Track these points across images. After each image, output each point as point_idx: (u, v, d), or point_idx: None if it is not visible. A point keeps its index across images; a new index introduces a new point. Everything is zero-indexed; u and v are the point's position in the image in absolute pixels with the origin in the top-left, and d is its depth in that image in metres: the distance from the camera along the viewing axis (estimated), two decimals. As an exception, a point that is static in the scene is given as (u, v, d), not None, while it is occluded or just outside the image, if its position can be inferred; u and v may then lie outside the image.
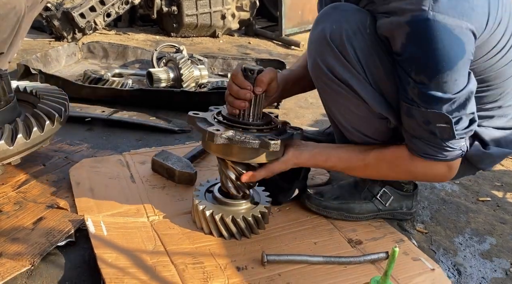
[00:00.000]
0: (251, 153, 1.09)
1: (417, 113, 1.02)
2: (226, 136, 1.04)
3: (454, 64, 0.95)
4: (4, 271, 0.96)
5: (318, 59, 1.10)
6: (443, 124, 1.01)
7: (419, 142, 1.07)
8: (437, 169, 1.11)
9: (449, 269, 1.17)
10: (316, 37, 1.10)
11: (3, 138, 1.13)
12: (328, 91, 1.14)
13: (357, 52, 1.05)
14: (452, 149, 1.06)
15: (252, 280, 1.03)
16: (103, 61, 2.81)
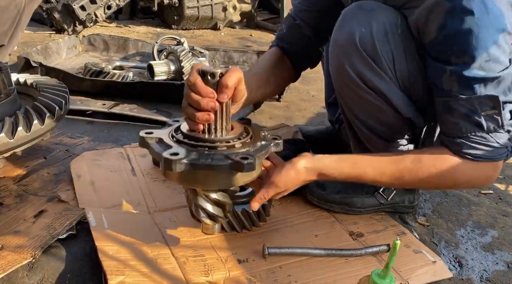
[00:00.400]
0: (223, 177, 0.91)
1: (458, 104, 0.96)
2: (188, 161, 0.83)
3: (496, 38, 0.91)
4: (6, 263, 0.96)
5: (345, 63, 1.04)
6: (490, 110, 0.95)
7: (464, 142, 0.99)
8: (482, 171, 1.03)
9: (451, 261, 1.17)
10: (343, 40, 1.04)
11: (4, 131, 1.13)
12: (353, 96, 1.09)
13: (389, 55, 1.01)
14: (500, 146, 0.99)
15: (253, 272, 1.03)
16: (103, 54, 2.80)
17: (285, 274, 1.04)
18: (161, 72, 2.25)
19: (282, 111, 2.17)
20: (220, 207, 0.99)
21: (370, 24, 1.00)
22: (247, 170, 0.85)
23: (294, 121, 2.02)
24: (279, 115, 2.12)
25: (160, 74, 2.25)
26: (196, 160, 0.85)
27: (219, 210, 0.99)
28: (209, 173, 0.88)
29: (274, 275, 1.03)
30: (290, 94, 2.33)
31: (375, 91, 1.05)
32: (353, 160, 1.07)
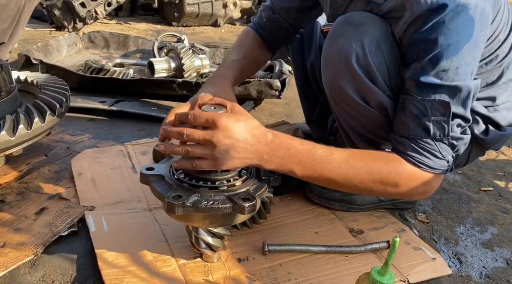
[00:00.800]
0: (223, 217, 0.92)
1: (412, 104, 0.97)
2: (190, 203, 0.85)
3: (459, 50, 0.91)
4: (7, 260, 0.97)
5: (339, 81, 1.03)
6: (439, 116, 0.95)
7: (410, 144, 0.99)
8: (422, 179, 1.00)
9: (450, 258, 1.17)
10: (335, 57, 1.03)
11: (5, 129, 1.13)
12: (349, 111, 1.08)
13: (382, 67, 1.00)
14: (442, 158, 0.99)
15: (253, 270, 1.04)
16: (104, 51, 2.80)
17: (285, 272, 1.04)
18: (162, 69, 2.25)
19: (282, 108, 2.17)
20: (220, 238, 1.01)
21: (361, 40, 0.99)
22: (248, 212, 0.87)
23: (295, 119, 2.02)
24: (280, 112, 2.12)
25: (160, 71, 2.25)
26: (198, 202, 0.86)
27: (219, 241, 1.01)
28: (210, 214, 0.89)
29: (274, 273, 1.04)
30: (291, 91, 2.33)
31: (371, 106, 1.04)
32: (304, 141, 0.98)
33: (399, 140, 1.01)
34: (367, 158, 0.98)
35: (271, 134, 0.91)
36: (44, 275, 0.99)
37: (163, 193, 0.88)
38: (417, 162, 0.99)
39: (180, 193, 0.87)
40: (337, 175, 0.96)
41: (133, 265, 1.01)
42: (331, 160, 0.95)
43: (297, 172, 0.94)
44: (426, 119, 0.96)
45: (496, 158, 1.78)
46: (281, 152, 0.91)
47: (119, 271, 0.99)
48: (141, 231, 1.13)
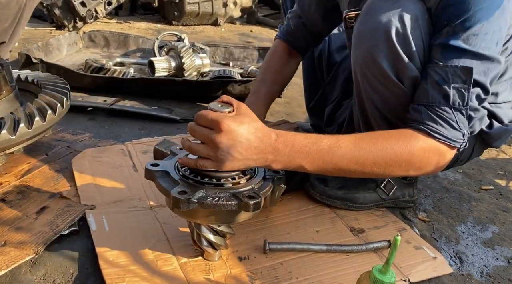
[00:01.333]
0: (227, 214, 0.93)
1: (434, 71, 0.96)
2: (195, 199, 0.86)
3: (490, 16, 0.92)
4: (9, 259, 0.97)
5: (375, 55, 1.02)
6: (460, 83, 0.95)
7: (427, 112, 0.98)
8: (436, 151, 0.99)
9: (451, 257, 1.17)
10: (373, 31, 1.02)
11: (5, 128, 1.13)
12: (378, 88, 1.07)
13: (419, 42, 1.00)
14: (458, 128, 0.98)
15: (254, 269, 1.04)
16: (104, 50, 2.79)
17: (286, 271, 1.04)
18: (162, 68, 2.25)
19: (283, 107, 2.17)
20: (223, 236, 1.01)
21: (400, 14, 0.99)
22: (253, 210, 0.87)
23: (295, 117, 2.02)
24: (280, 111, 2.12)
25: (161, 70, 2.25)
26: (203, 198, 0.87)
27: (221, 239, 1.00)
28: (215, 211, 0.89)
29: (275, 272, 1.04)
30: (291, 90, 2.33)
31: (403, 84, 1.04)
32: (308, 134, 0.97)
33: (416, 108, 1.00)
34: (376, 138, 0.97)
35: (274, 134, 0.90)
36: (45, 274, 0.99)
37: (168, 189, 0.88)
38: (431, 131, 0.97)
39: (186, 189, 0.87)
40: (348, 160, 0.94)
41: (134, 264, 1.01)
42: (338, 146, 0.93)
43: (307, 167, 0.93)
44: (446, 86, 0.95)
45: (496, 157, 1.78)
46: (287, 150, 0.90)
47: (120, 271, 0.99)
48: (142, 230, 1.13)
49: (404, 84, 1.04)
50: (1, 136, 1.12)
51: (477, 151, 1.26)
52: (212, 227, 0.98)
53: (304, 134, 0.94)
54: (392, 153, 0.96)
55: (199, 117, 0.88)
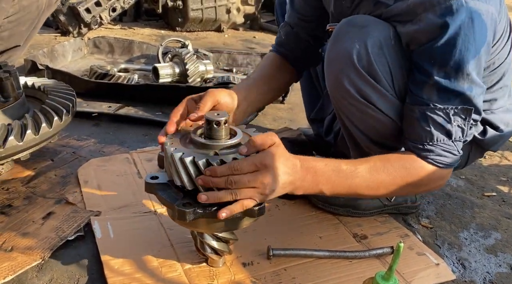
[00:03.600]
0: (231, 222, 0.93)
1: (435, 113, 1.00)
2: (200, 210, 0.86)
3: (478, 52, 0.95)
4: (16, 265, 0.98)
5: (343, 80, 1.05)
6: (460, 121, 1.02)
7: (433, 149, 1.04)
8: (440, 175, 1.09)
9: (454, 263, 1.18)
10: (339, 58, 1.05)
11: (13, 134, 1.15)
12: (353, 110, 1.10)
13: (385, 68, 1.03)
14: (458, 154, 1.06)
15: (258, 275, 1.05)
16: (109, 56, 2.82)
17: (289, 277, 1.05)
18: (166, 74, 2.27)
19: (285, 113, 2.18)
20: (226, 242, 1.02)
21: (364, 40, 1.01)
22: (258, 216, 0.89)
23: (298, 123, 2.03)
24: (283, 117, 2.13)
25: (165, 77, 2.27)
26: (208, 209, 0.87)
27: (224, 245, 1.01)
28: (219, 219, 0.88)
29: (278, 278, 1.05)
30: (294, 96, 2.34)
31: (374, 105, 1.06)
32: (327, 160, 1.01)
33: (423, 148, 1.04)
34: (388, 168, 1.04)
35: (298, 161, 0.94)
36: (51, 279, 1.00)
37: (172, 202, 0.88)
38: (438, 163, 1.05)
39: (189, 200, 0.87)
40: (364, 188, 1.02)
41: (139, 272, 1.02)
42: (356, 175, 1.00)
43: (326, 192, 0.99)
44: (450, 126, 1.02)
45: (499, 163, 1.79)
46: (309, 177, 0.95)
47: (125, 279, 1.00)
48: (146, 236, 1.14)
49: (375, 105, 1.06)
50: (9, 142, 1.13)
51: (474, 155, 1.29)
52: (215, 234, 0.99)
53: (325, 161, 0.99)
54: (403, 181, 1.05)
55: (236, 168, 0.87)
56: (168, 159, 0.89)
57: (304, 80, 1.64)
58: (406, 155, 1.08)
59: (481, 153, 1.31)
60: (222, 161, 0.86)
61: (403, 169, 1.05)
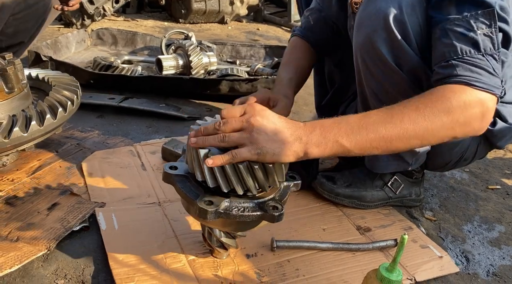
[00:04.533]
0: (248, 224, 0.90)
1: (455, 24, 0.94)
2: (222, 210, 0.84)
3: None
4: (21, 255, 0.99)
5: (375, 40, 1.03)
6: (486, 29, 0.92)
7: (460, 63, 0.93)
8: (477, 102, 0.91)
9: (457, 256, 1.18)
10: (371, 17, 1.03)
11: (18, 125, 1.15)
12: (376, 74, 1.08)
13: (416, 28, 1.01)
14: (495, 74, 0.93)
15: (262, 266, 1.05)
16: (112, 48, 2.81)
17: (293, 268, 1.05)
18: (170, 66, 2.27)
19: (289, 105, 2.18)
20: (234, 238, 1.02)
21: (398, 0, 1.00)
22: (277, 221, 0.85)
23: (301, 116, 2.03)
24: (287, 109, 2.12)
25: (168, 69, 2.26)
26: (229, 209, 0.85)
27: (232, 240, 1.01)
28: (239, 221, 0.87)
29: (282, 269, 1.05)
30: (298, 89, 2.33)
31: (402, 69, 1.05)
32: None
33: (446, 65, 0.95)
34: (404, 102, 0.92)
35: (302, 122, 0.90)
36: (57, 269, 1.01)
37: (192, 197, 0.87)
38: (470, 80, 0.91)
39: (211, 199, 0.85)
40: (385, 126, 0.88)
41: (143, 263, 1.03)
42: (369, 116, 0.90)
43: (344, 142, 0.87)
44: (473, 34, 0.93)
45: (503, 157, 1.78)
46: (318, 130, 0.87)
47: (129, 270, 1.00)
48: (151, 227, 1.15)
49: (402, 70, 1.05)
50: (14, 133, 1.14)
51: (481, 150, 1.27)
52: (226, 231, 0.99)
53: (329, 118, 0.92)
54: (429, 109, 0.89)
55: (226, 111, 0.87)
56: (192, 154, 0.87)
57: (317, 66, 1.64)
58: (435, 89, 0.94)
59: (489, 147, 1.27)
60: (249, 164, 0.85)
61: (426, 96, 0.91)
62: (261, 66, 2.42)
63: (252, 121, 0.84)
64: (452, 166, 1.30)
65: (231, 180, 0.85)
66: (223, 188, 0.86)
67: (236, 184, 0.85)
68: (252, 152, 0.83)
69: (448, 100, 0.90)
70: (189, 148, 0.89)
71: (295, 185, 0.98)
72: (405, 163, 1.26)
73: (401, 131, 0.89)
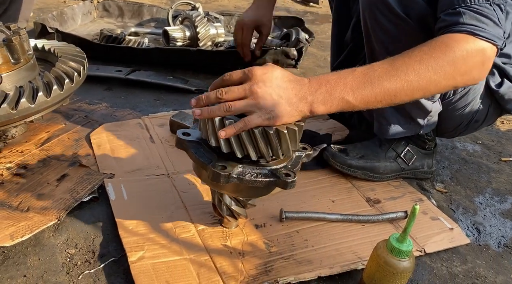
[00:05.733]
0: (259, 190, 0.91)
1: None
2: (235, 175, 0.84)
3: None
4: (32, 224, 1.00)
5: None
6: None
7: (466, 11, 0.91)
8: (478, 50, 0.90)
9: (468, 228, 1.17)
10: None
11: (25, 96, 1.14)
12: (385, 25, 1.06)
13: None
14: (499, 25, 0.92)
15: (271, 236, 1.05)
16: (118, 20, 2.77)
17: (302, 239, 1.05)
18: (177, 38, 2.23)
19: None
20: (243, 206, 1.01)
21: None
22: (289, 188, 0.85)
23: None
24: (296, 81, 2.09)
25: (175, 40, 2.23)
26: (242, 174, 0.85)
27: (242, 209, 1.01)
28: (251, 187, 0.87)
29: (291, 239, 1.05)
30: (307, 60, 2.29)
31: (411, 18, 1.02)
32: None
33: (453, 12, 0.93)
34: (408, 52, 0.90)
35: (306, 78, 0.88)
36: (68, 239, 1.02)
37: (205, 162, 0.86)
38: (475, 30, 0.90)
39: (224, 163, 0.85)
40: (389, 77, 0.87)
41: (153, 232, 1.03)
42: (373, 70, 0.88)
43: (349, 98, 0.86)
44: None
45: (518, 129, 1.75)
46: (323, 88, 0.86)
47: (139, 239, 1.01)
48: (160, 198, 1.15)
49: (411, 18, 1.03)
50: (21, 104, 1.13)
51: (492, 113, 1.25)
52: (236, 198, 0.99)
53: (334, 72, 0.90)
54: (432, 59, 0.88)
55: (226, 78, 0.86)
56: (206, 121, 0.87)
57: (335, 27, 1.59)
58: (438, 38, 0.93)
59: (499, 111, 1.26)
60: (264, 129, 0.83)
61: (429, 45, 0.90)
62: (269, 37, 2.37)
63: (255, 89, 0.82)
64: (463, 129, 1.27)
65: (246, 145, 0.84)
66: (237, 153, 0.85)
67: (251, 150, 0.84)
68: (263, 117, 0.82)
69: (452, 50, 0.89)
70: None
71: (307, 156, 0.97)
72: (416, 126, 1.23)
73: (405, 84, 0.88)
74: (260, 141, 0.83)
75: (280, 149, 0.85)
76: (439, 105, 1.21)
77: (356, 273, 0.98)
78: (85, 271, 0.94)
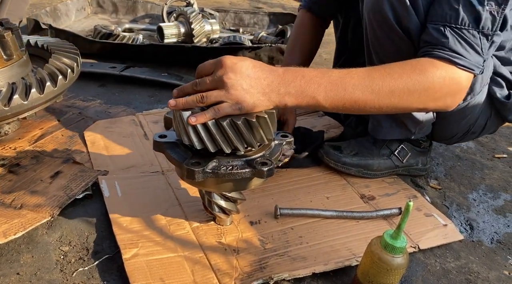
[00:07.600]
0: (240, 182, 0.90)
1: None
2: (209, 169, 0.84)
3: None
4: (26, 221, 0.99)
5: (381, 3, 1.01)
6: (494, 6, 0.90)
7: (453, 34, 0.92)
8: (454, 79, 0.92)
9: (462, 224, 1.18)
10: None
11: (18, 93, 1.13)
12: (381, 36, 1.06)
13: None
14: (481, 54, 0.93)
15: (265, 233, 1.05)
16: (113, 16, 2.76)
17: (296, 235, 1.06)
18: (171, 34, 2.22)
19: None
20: (233, 202, 1.01)
21: None
22: (267, 177, 0.85)
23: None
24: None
25: (170, 37, 2.22)
26: (217, 168, 0.85)
27: (232, 205, 1.01)
28: (227, 179, 0.87)
29: (286, 236, 1.05)
30: (302, 57, 2.28)
31: (408, 35, 1.02)
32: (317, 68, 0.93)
33: (441, 30, 0.93)
34: (391, 67, 0.91)
35: (281, 68, 0.88)
36: (61, 236, 1.02)
37: (180, 160, 0.87)
38: (455, 58, 0.91)
39: (198, 160, 0.86)
40: (363, 89, 0.88)
41: (147, 230, 1.03)
42: (351, 76, 0.89)
43: (320, 99, 0.87)
44: (480, 7, 0.90)
45: (510, 126, 1.75)
46: (297, 82, 0.86)
47: (133, 236, 1.01)
48: (154, 195, 1.15)
49: (406, 33, 1.02)
50: (14, 101, 1.12)
51: (490, 125, 1.24)
52: (223, 194, 0.99)
53: (312, 68, 0.90)
54: (409, 81, 0.89)
55: (199, 70, 0.87)
56: (176, 119, 0.88)
57: (337, 29, 1.60)
58: (417, 57, 0.95)
59: (501, 122, 1.25)
60: (232, 120, 0.84)
61: (410, 66, 0.90)
62: (264, 34, 2.37)
63: (225, 79, 0.83)
64: (459, 139, 1.28)
65: (217, 139, 0.84)
66: (209, 148, 0.85)
67: (222, 143, 0.84)
68: (233, 107, 0.83)
69: (430, 76, 0.90)
70: (174, 113, 0.89)
71: (288, 143, 0.96)
72: (407, 131, 1.24)
73: (376, 98, 0.89)
74: (230, 133, 0.83)
75: (253, 138, 0.85)
76: (432, 115, 1.21)
77: (350, 270, 0.99)
78: (79, 269, 0.94)
